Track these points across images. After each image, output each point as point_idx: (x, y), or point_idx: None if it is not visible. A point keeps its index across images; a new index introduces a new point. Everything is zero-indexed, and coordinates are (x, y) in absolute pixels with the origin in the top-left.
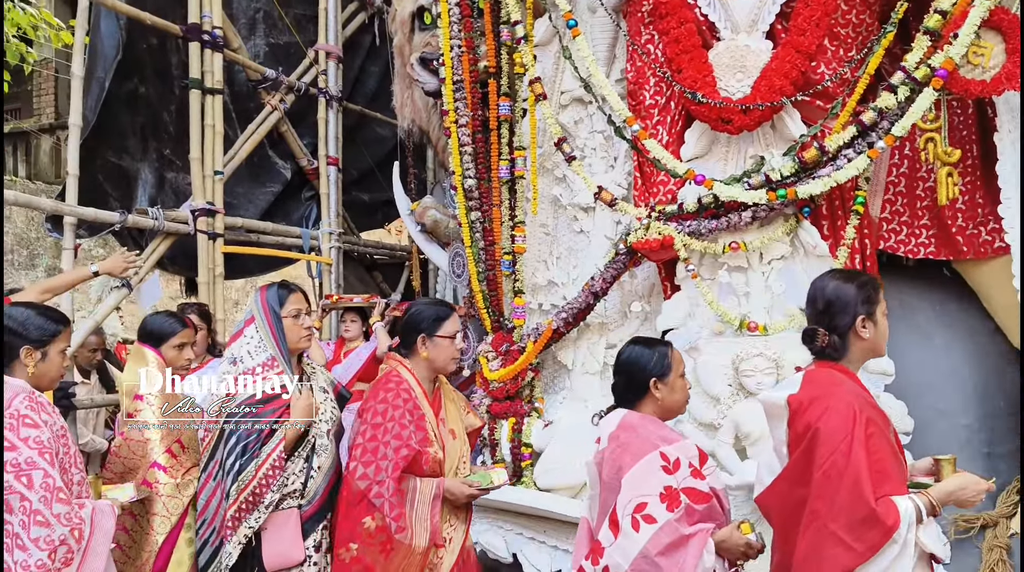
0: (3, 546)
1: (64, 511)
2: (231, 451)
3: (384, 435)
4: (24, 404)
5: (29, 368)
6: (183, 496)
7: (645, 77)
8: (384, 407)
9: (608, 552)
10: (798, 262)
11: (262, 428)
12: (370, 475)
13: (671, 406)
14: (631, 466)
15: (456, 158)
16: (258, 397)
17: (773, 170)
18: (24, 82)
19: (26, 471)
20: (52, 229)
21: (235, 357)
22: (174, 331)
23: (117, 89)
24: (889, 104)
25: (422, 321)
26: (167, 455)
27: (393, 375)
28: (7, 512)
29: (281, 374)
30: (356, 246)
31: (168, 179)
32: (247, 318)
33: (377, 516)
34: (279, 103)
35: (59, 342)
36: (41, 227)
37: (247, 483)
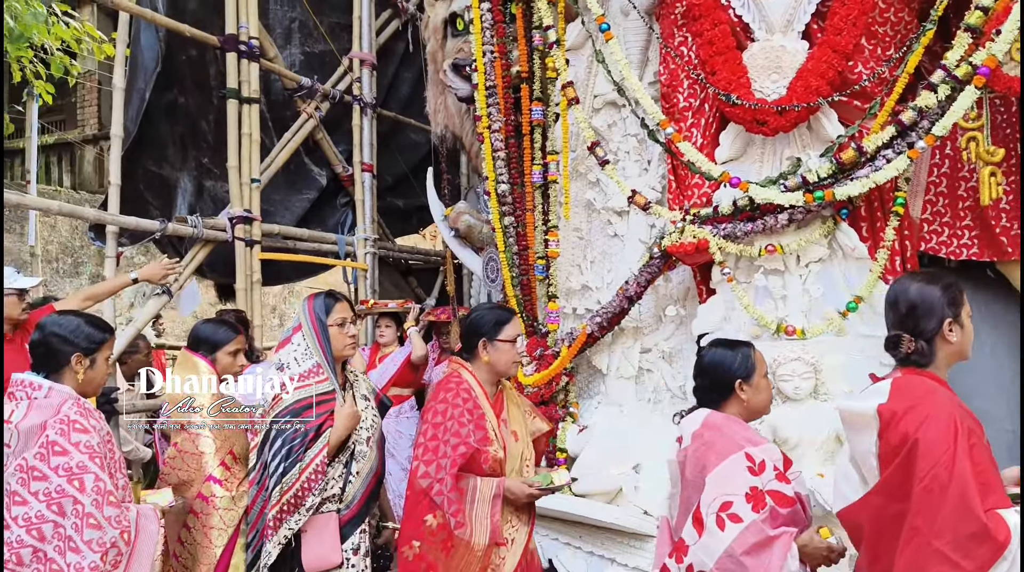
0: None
1: (115, 514)
2: (276, 453)
3: (444, 434)
4: (73, 410)
5: (79, 375)
6: (238, 507)
7: (679, 79)
8: (444, 407)
9: (692, 550)
10: (836, 265)
11: (307, 433)
12: (431, 473)
13: (756, 407)
14: (716, 465)
15: (489, 163)
16: (304, 403)
17: (810, 171)
18: (68, 94)
19: (78, 475)
20: (95, 238)
21: (282, 363)
22: (229, 338)
23: (157, 100)
24: (929, 103)
25: (483, 325)
26: (222, 468)
27: (454, 376)
28: (59, 515)
29: (325, 381)
30: (391, 252)
31: (206, 187)
32: (295, 326)
33: (438, 514)
34: (314, 111)
35: (105, 349)
36: (85, 236)
37: (290, 485)
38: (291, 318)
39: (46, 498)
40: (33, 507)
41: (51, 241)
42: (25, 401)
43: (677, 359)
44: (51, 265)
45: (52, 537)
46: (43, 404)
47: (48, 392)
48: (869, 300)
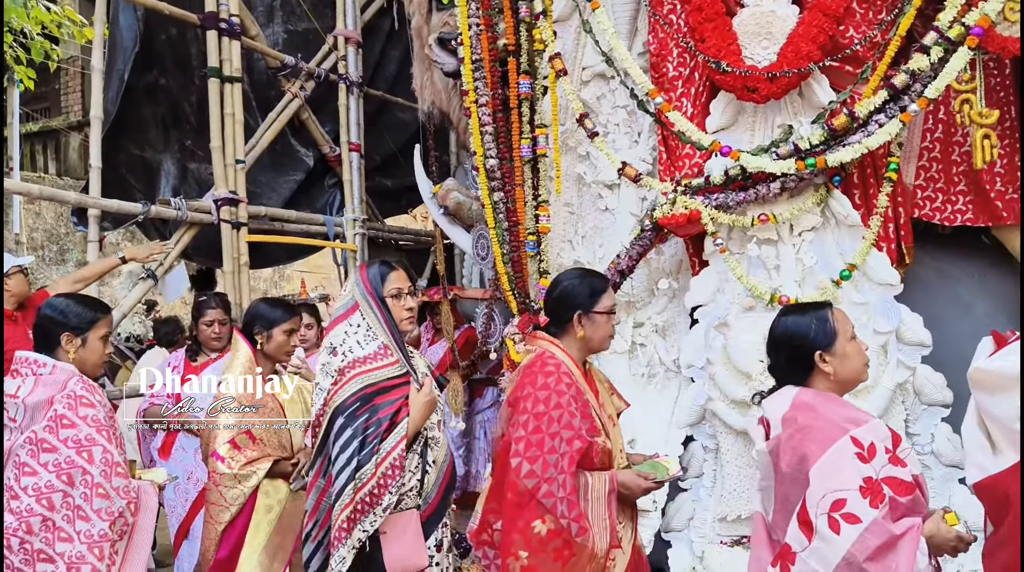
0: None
1: (123, 484)
2: (345, 445)
3: (550, 425)
4: (79, 386)
5: (70, 354)
6: (243, 486)
7: (668, 48)
8: (546, 394)
9: (802, 558)
10: (829, 233)
11: (380, 422)
12: (538, 471)
13: (847, 377)
14: (818, 455)
15: (477, 138)
16: (375, 388)
17: (802, 139)
18: (52, 81)
19: (87, 447)
20: (78, 222)
21: (334, 346)
22: (286, 317)
23: (137, 81)
24: (922, 66)
25: (578, 296)
26: (228, 445)
27: (548, 357)
28: (68, 485)
29: (395, 364)
30: (381, 232)
31: (191, 170)
32: (350, 305)
33: (548, 519)
34: (299, 90)
35: (98, 329)
36: (70, 222)
37: (365, 481)
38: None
39: (55, 468)
40: (43, 477)
41: (36, 228)
42: (31, 377)
43: (670, 333)
44: (36, 252)
45: (61, 506)
46: (49, 380)
47: (53, 369)
48: (863, 268)
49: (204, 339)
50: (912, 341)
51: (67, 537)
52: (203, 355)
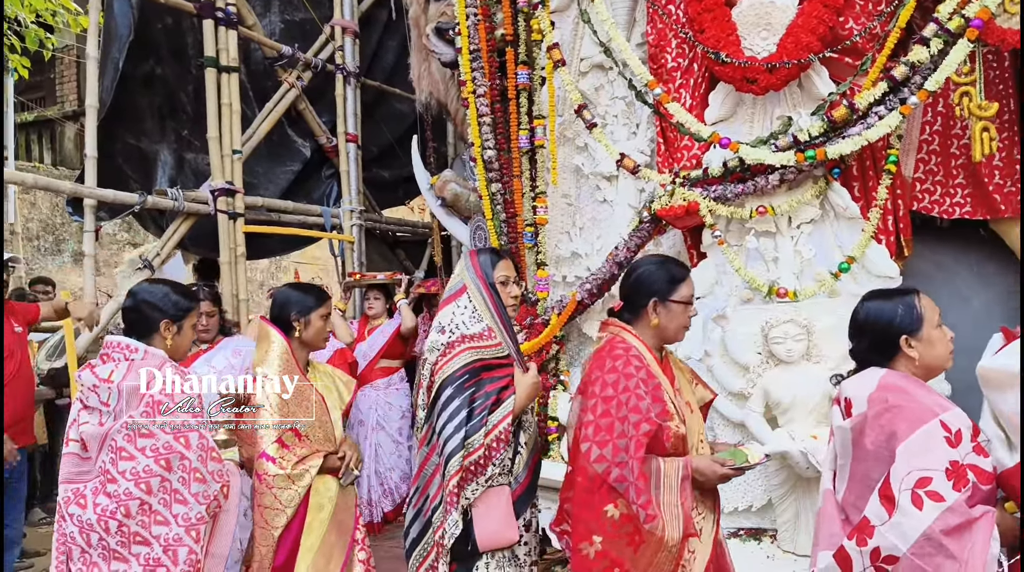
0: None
1: (217, 468)
2: (452, 416)
3: (619, 409)
4: (172, 372)
5: (167, 340)
6: (297, 486)
7: (667, 39)
8: (615, 377)
9: (880, 531)
10: (828, 225)
11: (488, 395)
12: (608, 456)
13: (931, 363)
14: (908, 434)
15: (475, 128)
16: (482, 364)
17: (801, 130)
18: (47, 70)
19: (184, 432)
20: (73, 212)
21: (442, 325)
22: (321, 301)
23: (133, 70)
24: (921, 58)
25: (655, 282)
26: (277, 445)
27: (619, 342)
28: (166, 470)
29: (498, 346)
30: (378, 224)
31: (187, 160)
32: (458, 287)
33: (620, 503)
34: (296, 80)
35: (191, 317)
36: (65, 212)
37: (473, 450)
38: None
39: (153, 453)
40: (141, 462)
41: (31, 218)
42: (124, 362)
43: None
44: (32, 243)
45: (158, 490)
46: (142, 366)
47: (144, 355)
48: (861, 260)
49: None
50: None
51: (164, 520)
52: (194, 345)
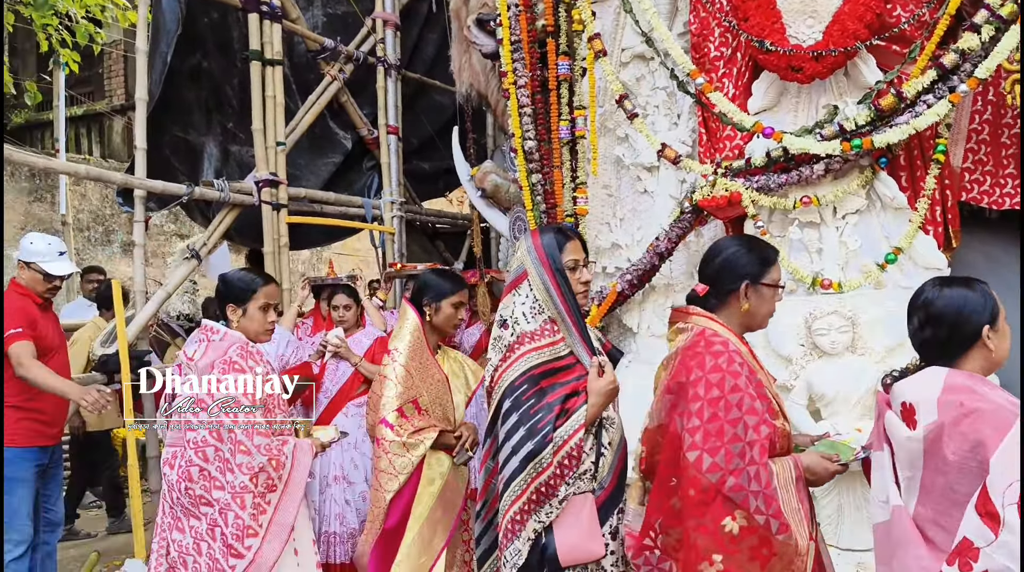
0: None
1: (264, 443)
2: (511, 432)
3: (728, 411)
4: (236, 352)
5: (233, 323)
6: (411, 455)
7: (709, 28)
8: (719, 376)
9: (986, 553)
10: (874, 215)
11: (551, 406)
12: (721, 464)
13: (1001, 356)
14: (997, 441)
15: (515, 119)
16: (544, 368)
17: (847, 119)
18: (95, 65)
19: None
20: (123, 203)
21: (504, 318)
22: (456, 289)
23: (181, 64)
24: (972, 45)
25: (747, 264)
26: (396, 413)
27: (712, 335)
28: (218, 441)
29: (560, 342)
30: (418, 215)
31: (232, 152)
32: (519, 273)
33: (739, 514)
34: (338, 73)
35: (256, 300)
36: (115, 204)
37: (541, 471)
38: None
39: (209, 426)
40: (200, 433)
41: (82, 209)
42: (204, 343)
43: None
44: (83, 233)
45: (214, 458)
46: (217, 346)
47: (223, 336)
48: (909, 251)
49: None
50: None
51: (220, 486)
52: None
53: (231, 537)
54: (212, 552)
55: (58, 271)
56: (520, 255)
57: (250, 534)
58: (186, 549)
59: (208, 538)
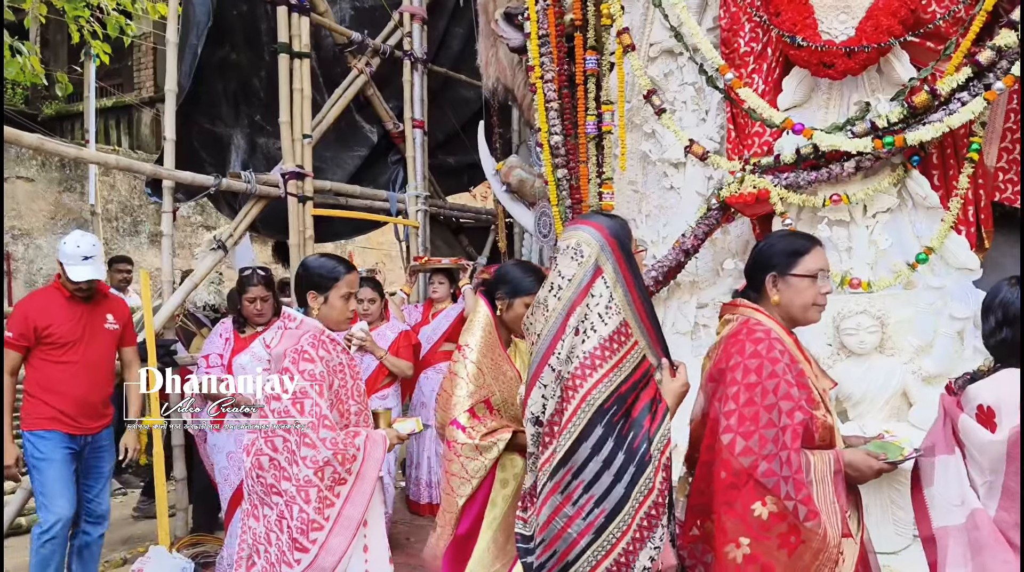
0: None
1: (329, 436)
2: (610, 458)
3: (764, 397)
4: (308, 341)
5: (314, 310)
6: (484, 458)
7: (740, 23)
8: (757, 362)
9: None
10: (906, 215)
11: (639, 424)
12: (754, 448)
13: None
14: None
15: (542, 114)
16: (629, 384)
17: (880, 116)
18: (125, 57)
19: (300, 398)
20: (152, 193)
21: (576, 325)
22: (534, 287)
23: (210, 56)
24: (1009, 42)
25: (772, 256)
26: (467, 415)
27: (754, 323)
28: (285, 432)
29: (635, 347)
30: (442, 209)
31: (259, 144)
32: (592, 272)
33: (769, 500)
34: (365, 66)
35: (339, 288)
36: (143, 194)
37: (647, 495)
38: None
39: (277, 415)
40: (270, 421)
41: (111, 199)
42: (282, 330)
43: None
44: (111, 223)
45: (282, 449)
46: (292, 334)
47: (300, 324)
48: (940, 251)
49: (248, 314)
50: None
51: (288, 477)
52: (250, 328)
53: (295, 530)
54: (280, 544)
55: (76, 277)
56: (590, 251)
57: (315, 528)
58: (259, 538)
59: (277, 529)
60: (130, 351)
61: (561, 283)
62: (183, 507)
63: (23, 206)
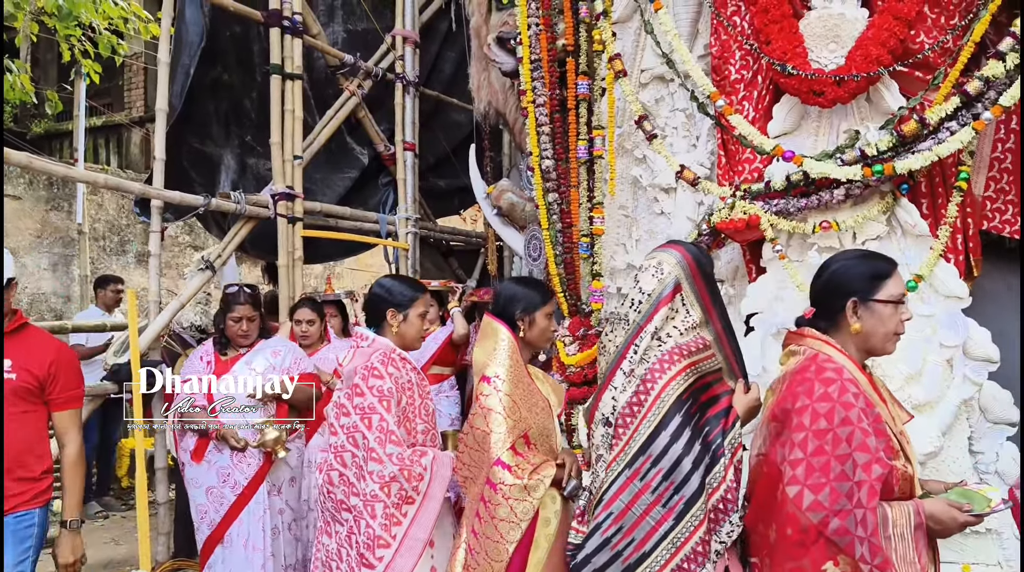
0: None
1: (396, 452)
2: (688, 447)
3: (836, 446)
4: (378, 359)
5: (393, 328)
6: (531, 498)
7: (730, 50)
8: (828, 406)
9: None
10: (895, 242)
11: (714, 421)
12: (824, 503)
13: None
14: None
15: (533, 138)
16: (704, 380)
17: (869, 145)
18: (116, 76)
19: (368, 414)
20: (140, 213)
21: (655, 331)
22: (546, 298)
23: (201, 77)
24: (997, 72)
25: (853, 280)
26: (510, 452)
27: (824, 360)
28: (354, 447)
29: (711, 357)
30: (432, 232)
31: (249, 165)
32: (670, 287)
33: (842, 560)
34: (357, 88)
35: (417, 306)
36: (131, 214)
37: (717, 485)
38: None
39: (347, 432)
40: (340, 437)
41: (98, 219)
42: (354, 349)
43: None
44: (98, 243)
45: (351, 465)
46: (364, 352)
47: (371, 343)
48: (929, 279)
49: (231, 335)
50: (979, 356)
51: (356, 492)
52: (232, 349)
53: (363, 546)
54: (350, 560)
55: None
56: (670, 269)
57: (381, 544)
58: (331, 555)
59: (347, 545)
60: (64, 417)
61: (641, 298)
62: (165, 531)
63: (9, 224)
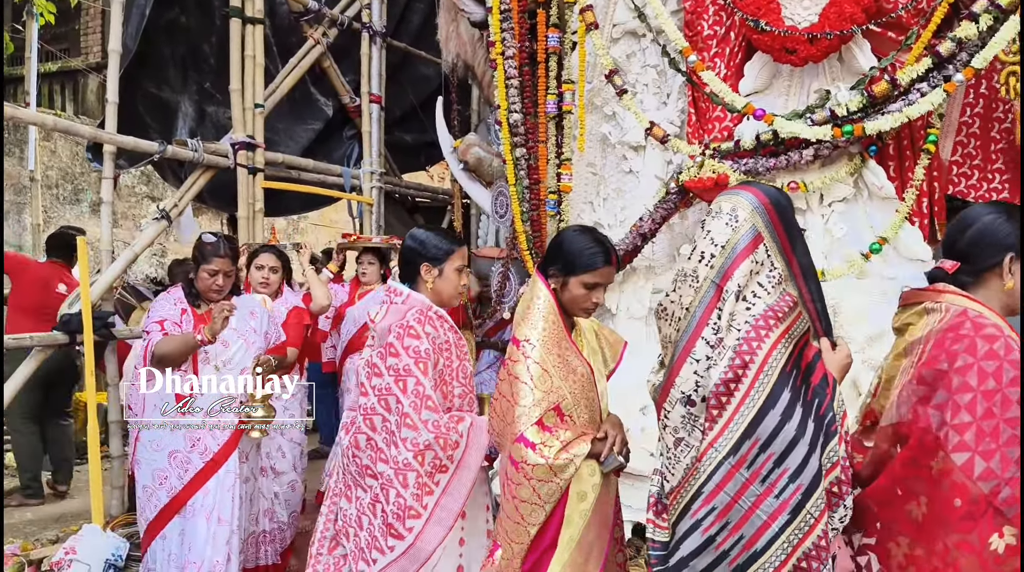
0: None
1: (432, 418)
2: (801, 427)
3: (1005, 408)
4: (414, 317)
5: (428, 283)
6: (559, 478)
7: (704, 5)
8: (995, 365)
9: None
10: (861, 204)
11: (820, 390)
12: (996, 470)
13: None
14: None
15: (502, 91)
16: (798, 349)
17: (839, 105)
18: (72, 20)
19: (403, 377)
20: (93, 158)
21: (739, 290)
22: (593, 265)
23: (157, 19)
24: (969, 34)
25: (1009, 233)
26: (536, 428)
27: (979, 317)
28: (386, 411)
29: (799, 317)
30: (398, 187)
31: (208, 113)
32: (753, 234)
33: (1007, 531)
34: (322, 37)
35: (453, 260)
36: (85, 161)
37: (833, 465)
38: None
39: (378, 394)
40: (371, 399)
41: (51, 166)
42: (387, 305)
43: None
44: (51, 191)
45: (381, 429)
46: (397, 309)
47: (406, 299)
48: (894, 242)
49: (203, 289)
50: None
51: (385, 459)
52: (204, 304)
53: (391, 516)
54: (372, 529)
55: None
56: (745, 217)
57: (412, 515)
58: (350, 520)
59: (369, 513)
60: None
61: (713, 251)
62: (118, 484)
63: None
